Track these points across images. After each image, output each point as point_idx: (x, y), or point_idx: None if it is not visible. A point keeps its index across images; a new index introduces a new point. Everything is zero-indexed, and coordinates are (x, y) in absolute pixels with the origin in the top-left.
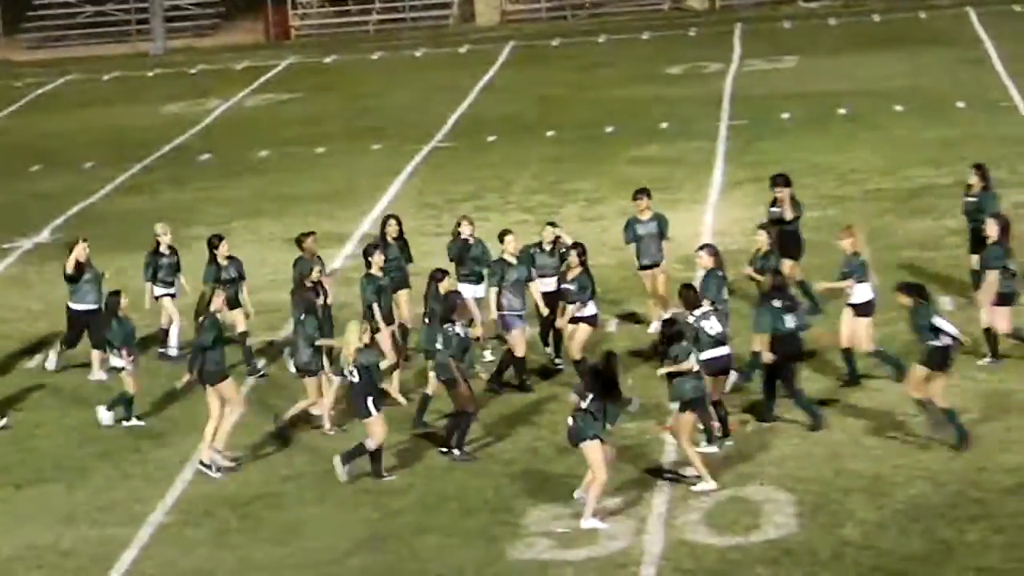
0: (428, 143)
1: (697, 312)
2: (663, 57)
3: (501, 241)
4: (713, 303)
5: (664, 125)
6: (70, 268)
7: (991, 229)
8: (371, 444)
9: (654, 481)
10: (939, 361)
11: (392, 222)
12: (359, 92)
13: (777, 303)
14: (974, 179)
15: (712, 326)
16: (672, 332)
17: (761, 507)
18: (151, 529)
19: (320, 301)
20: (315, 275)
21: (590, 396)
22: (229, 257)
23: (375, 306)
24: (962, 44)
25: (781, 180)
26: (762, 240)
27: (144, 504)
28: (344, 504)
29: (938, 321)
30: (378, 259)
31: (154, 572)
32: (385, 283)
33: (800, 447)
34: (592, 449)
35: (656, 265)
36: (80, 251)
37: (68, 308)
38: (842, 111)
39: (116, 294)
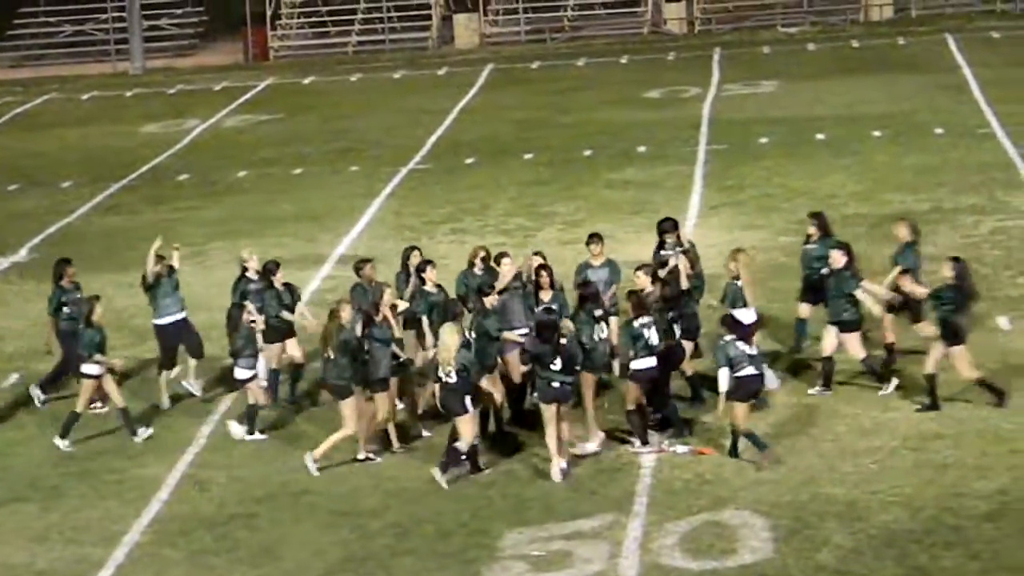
0: (406, 165)
1: (643, 319)
2: (642, 81)
3: (497, 264)
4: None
5: (642, 149)
6: (150, 277)
7: (839, 257)
8: (463, 445)
9: (630, 505)
10: (744, 392)
11: (416, 253)
12: (338, 114)
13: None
14: (812, 229)
15: (652, 336)
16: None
17: (736, 531)
18: (126, 549)
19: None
20: (388, 298)
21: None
22: (285, 284)
23: (424, 319)
24: (940, 70)
25: (669, 225)
26: (642, 281)
27: (120, 524)
28: (320, 525)
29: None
30: (431, 274)
31: None
32: (438, 300)
33: (776, 471)
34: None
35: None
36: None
37: (154, 326)
38: (820, 136)
39: (96, 299)
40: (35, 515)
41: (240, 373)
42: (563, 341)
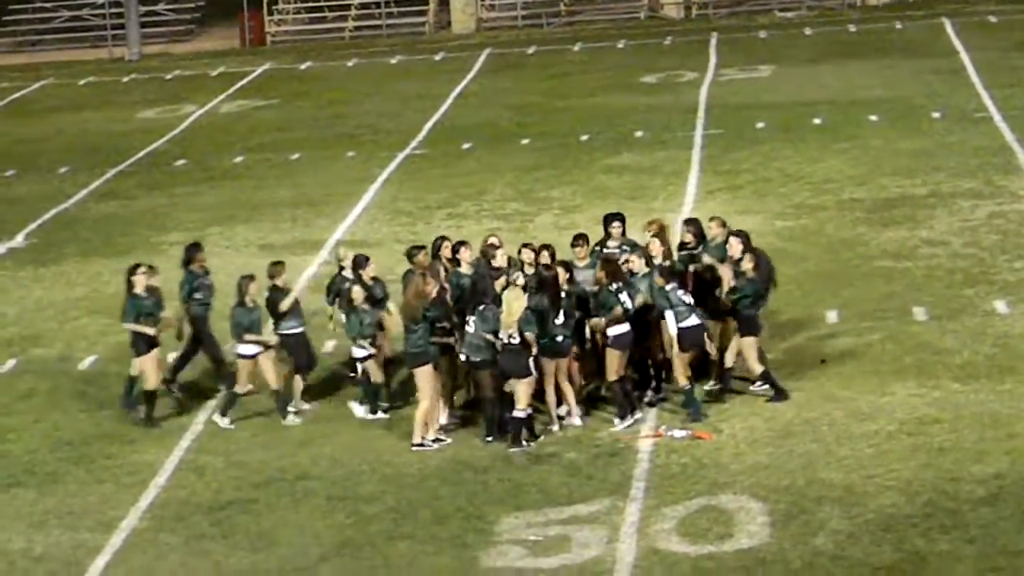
0: (403, 150)
1: (618, 284)
2: (638, 66)
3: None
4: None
5: (639, 134)
6: (286, 307)
7: (736, 247)
8: (521, 412)
9: (627, 489)
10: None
11: (446, 243)
12: (334, 99)
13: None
14: (688, 236)
15: (626, 301)
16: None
17: (734, 516)
18: (124, 535)
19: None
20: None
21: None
22: (374, 278)
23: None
24: (937, 55)
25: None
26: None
27: (117, 509)
28: (318, 511)
29: None
30: (466, 255)
31: None
32: (467, 281)
33: (773, 456)
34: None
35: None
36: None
37: (287, 335)
38: (817, 121)
39: (251, 278)
40: (32, 501)
41: (357, 352)
42: (562, 295)
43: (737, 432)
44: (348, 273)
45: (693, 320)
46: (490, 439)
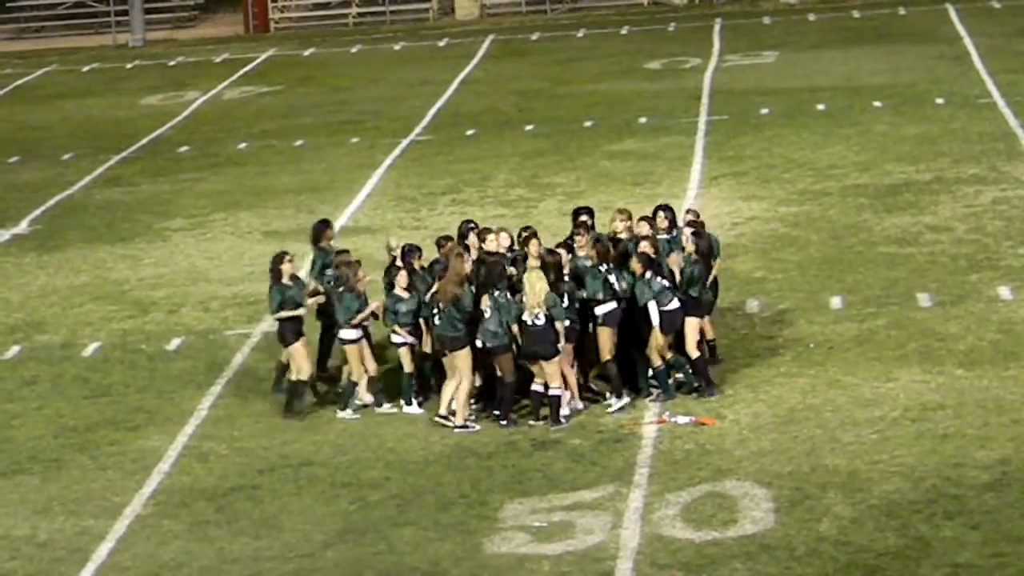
0: (407, 136)
1: (608, 265)
2: (642, 52)
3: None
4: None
5: (643, 120)
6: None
7: (687, 234)
8: (557, 390)
9: (631, 476)
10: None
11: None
12: (338, 85)
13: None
14: (664, 222)
15: (615, 281)
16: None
17: (738, 502)
18: (128, 521)
19: None
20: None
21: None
22: (423, 267)
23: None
24: (941, 40)
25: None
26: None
27: (121, 496)
28: (321, 497)
29: None
30: (500, 240)
31: (131, 564)
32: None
33: (777, 442)
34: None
35: None
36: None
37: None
38: (821, 107)
39: (357, 264)
40: (36, 487)
41: (395, 338)
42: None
43: (741, 418)
44: (400, 263)
45: (675, 304)
46: (504, 423)
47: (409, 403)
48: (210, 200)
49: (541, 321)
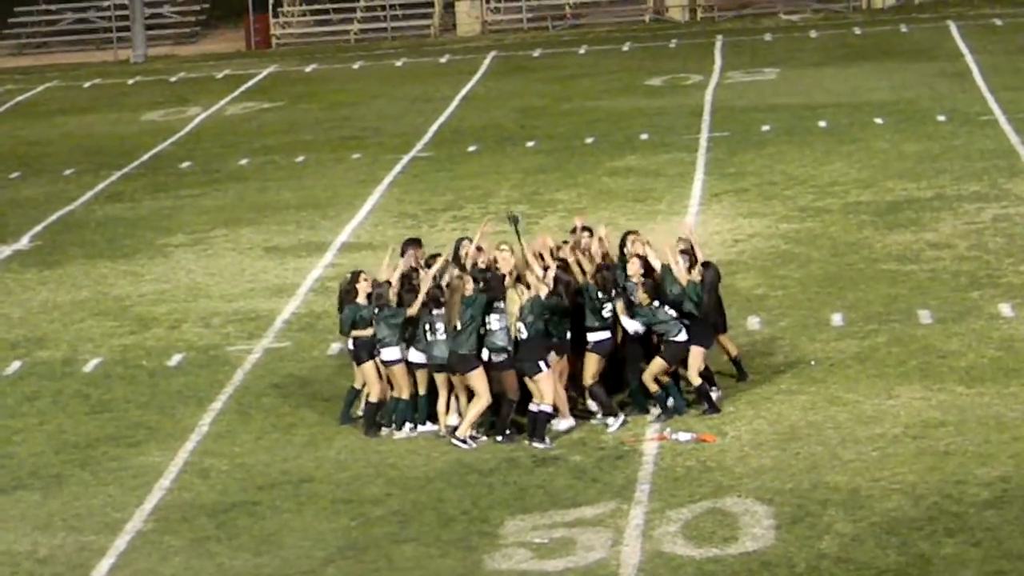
0: (408, 153)
1: (605, 296)
2: (644, 68)
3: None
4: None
5: (644, 136)
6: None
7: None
8: (547, 407)
9: (632, 492)
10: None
11: (465, 242)
12: (339, 101)
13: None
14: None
15: (607, 311)
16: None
17: (739, 519)
18: (128, 537)
19: None
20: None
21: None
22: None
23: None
24: (943, 57)
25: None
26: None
27: (122, 512)
28: (322, 513)
29: None
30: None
31: None
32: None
33: (778, 459)
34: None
35: None
36: None
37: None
38: (822, 124)
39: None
40: (37, 503)
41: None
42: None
43: (742, 435)
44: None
45: (682, 336)
46: (500, 439)
47: (423, 422)
48: (211, 216)
49: (524, 335)
